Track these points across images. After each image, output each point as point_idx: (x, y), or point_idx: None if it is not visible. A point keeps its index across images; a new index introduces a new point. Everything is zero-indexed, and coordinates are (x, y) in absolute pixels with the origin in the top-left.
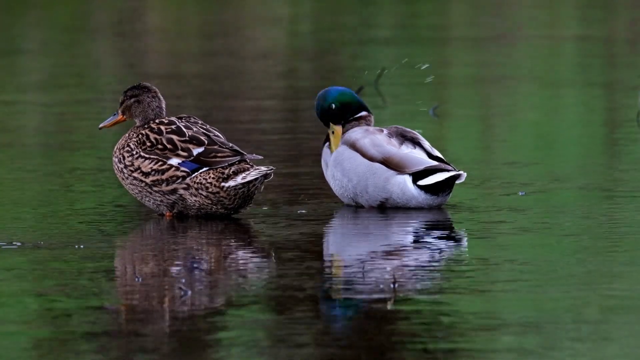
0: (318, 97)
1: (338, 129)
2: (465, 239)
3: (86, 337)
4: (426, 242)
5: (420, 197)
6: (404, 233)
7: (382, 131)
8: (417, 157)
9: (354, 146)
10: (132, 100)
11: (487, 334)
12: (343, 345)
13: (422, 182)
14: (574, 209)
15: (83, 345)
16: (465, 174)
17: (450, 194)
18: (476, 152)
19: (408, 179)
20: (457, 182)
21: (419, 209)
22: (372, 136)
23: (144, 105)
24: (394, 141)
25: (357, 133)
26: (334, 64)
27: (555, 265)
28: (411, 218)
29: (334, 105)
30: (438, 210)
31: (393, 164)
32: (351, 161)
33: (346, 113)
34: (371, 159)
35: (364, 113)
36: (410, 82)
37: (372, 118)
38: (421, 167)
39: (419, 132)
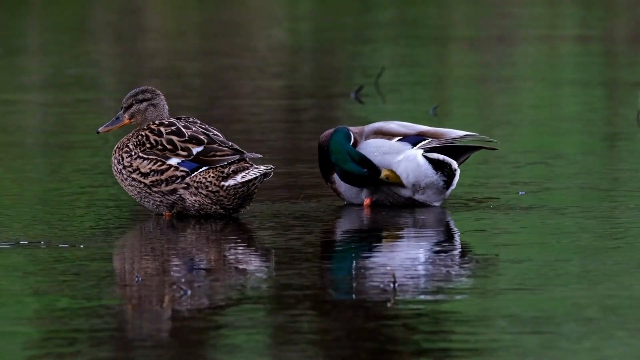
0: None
1: (390, 175)
2: (465, 238)
3: (86, 337)
4: (426, 241)
5: (425, 166)
6: (403, 232)
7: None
8: (453, 130)
9: (380, 131)
10: (145, 104)
11: (487, 334)
12: (343, 346)
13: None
14: (574, 209)
15: (83, 345)
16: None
17: (449, 190)
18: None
19: (419, 152)
20: (456, 173)
21: (418, 207)
22: (393, 122)
23: (159, 108)
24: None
25: (376, 123)
26: (334, 63)
27: (555, 265)
28: (411, 218)
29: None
30: (438, 210)
31: (429, 135)
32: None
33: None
34: (404, 135)
35: None
36: (410, 81)
37: None
38: (462, 134)
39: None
